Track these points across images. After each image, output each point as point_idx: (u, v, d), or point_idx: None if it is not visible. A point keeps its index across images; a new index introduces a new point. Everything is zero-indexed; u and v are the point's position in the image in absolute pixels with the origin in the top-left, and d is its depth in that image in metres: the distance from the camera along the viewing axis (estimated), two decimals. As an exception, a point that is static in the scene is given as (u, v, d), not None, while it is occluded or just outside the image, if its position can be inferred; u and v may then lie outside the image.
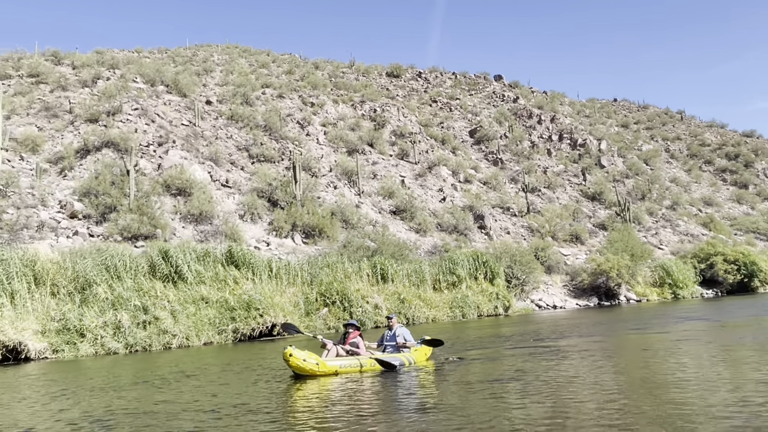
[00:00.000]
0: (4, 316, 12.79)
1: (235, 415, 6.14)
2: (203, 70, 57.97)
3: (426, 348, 10.36)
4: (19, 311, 13.25)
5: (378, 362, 9.10)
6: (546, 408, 5.82)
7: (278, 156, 39.17)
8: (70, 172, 30.30)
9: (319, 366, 8.49)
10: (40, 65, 46.53)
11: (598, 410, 5.59)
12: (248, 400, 7.03)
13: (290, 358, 8.31)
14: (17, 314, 13.09)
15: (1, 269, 13.44)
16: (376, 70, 73.29)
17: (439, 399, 6.71)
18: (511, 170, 50.35)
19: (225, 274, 17.07)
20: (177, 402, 7.13)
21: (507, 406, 6.07)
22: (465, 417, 5.46)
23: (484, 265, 25.51)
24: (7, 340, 12.43)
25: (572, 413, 5.53)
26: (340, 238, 30.47)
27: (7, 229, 22.20)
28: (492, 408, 5.93)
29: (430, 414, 5.86)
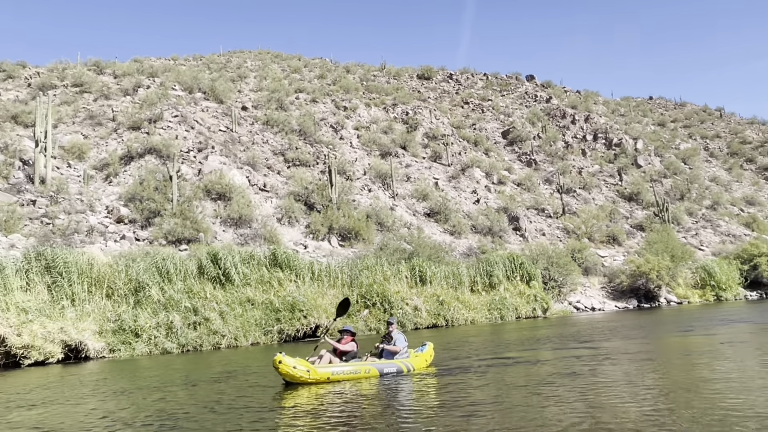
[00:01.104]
0: (66, 317, 13.45)
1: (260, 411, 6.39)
2: (237, 76, 59.11)
3: (426, 354, 9.90)
4: (79, 312, 13.90)
5: (374, 369, 8.84)
6: (582, 414, 5.66)
7: (313, 160, 39.73)
8: (115, 178, 31.38)
9: (310, 373, 8.21)
10: (83, 75, 48.22)
11: (639, 416, 5.43)
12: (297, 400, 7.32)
13: (280, 365, 8.02)
14: (78, 315, 13.74)
15: (63, 272, 14.12)
16: (406, 73, 73.51)
17: (445, 406, 6.44)
18: (546, 171, 49.93)
19: (269, 277, 17.52)
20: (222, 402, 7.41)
21: (533, 413, 5.91)
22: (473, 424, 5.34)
23: (521, 267, 25.45)
24: (69, 339, 13.07)
25: (609, 419, 5.38)
26: (375, 241, 30.79)
27: (60, 233, 23.17)
28: (506, 415, 5.71)
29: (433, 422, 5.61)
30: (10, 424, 6.52)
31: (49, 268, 14.48)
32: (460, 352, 12.27)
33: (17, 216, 23.30)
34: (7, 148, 30.38)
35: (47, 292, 13.93)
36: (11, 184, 26.77)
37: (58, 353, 12.89)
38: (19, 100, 43.50)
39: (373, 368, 8.86)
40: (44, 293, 13.84)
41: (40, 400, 8.07)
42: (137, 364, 12.98)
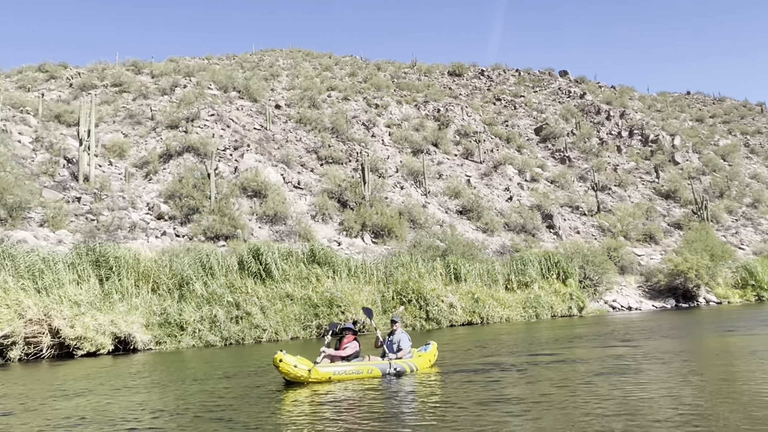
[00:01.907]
0: (117, 311, 13.96)
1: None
2: (270, 75, 59.89)
3: (430, 354, 9.60)
4: (128, 306, 14.40)
5: (376, 369, 8.62)
6: (617, 414, 5.49)
7: (346, 157, 40.03)
8: (155, 175, 32.21)
9: (311, 372, 7.99)
10: (122, 75, 49.56)
11: (676, 417, 5.29)
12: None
13: (280, 364, 7.81)
14: (127, 309, 14.25)
15: (113, 267, 14.66)
16: (437, 70, 73.31)
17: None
18: (580, 168, 49.27)
19: (308, 273, 17.82)
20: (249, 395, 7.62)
21: (566, 412, 5.71)
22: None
23: (556, 265, 25.24)
24: (119, 332, 13.57)
25: (645, 421, 5.23)
26: (408, 238, 30.91)
27: (104, 229, 23.93)
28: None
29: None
30: (55, 411, 6.83)
31: (99, 263, 15.02)
32: (495, 349, 12.28)
33: (64, 212, 24.14)
34: (53, 147, 31.45)
35: (99, 286, 14.45)
36: (57, 181, 27.71)
37: (109, 345, 13.40)
38: (62, 100, 44.96)
39: (376, 368, 8.65)
40: (96, 287, 14.37)
41: (85, 390, 8.41)
42: (182, 356, 13.39)
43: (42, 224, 23.26)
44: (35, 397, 7.90)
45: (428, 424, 5.38)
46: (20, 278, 13.42)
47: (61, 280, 13.87)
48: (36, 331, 12.68)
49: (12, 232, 21.31)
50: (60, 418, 6.33)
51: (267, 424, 5.80)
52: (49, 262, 13.94)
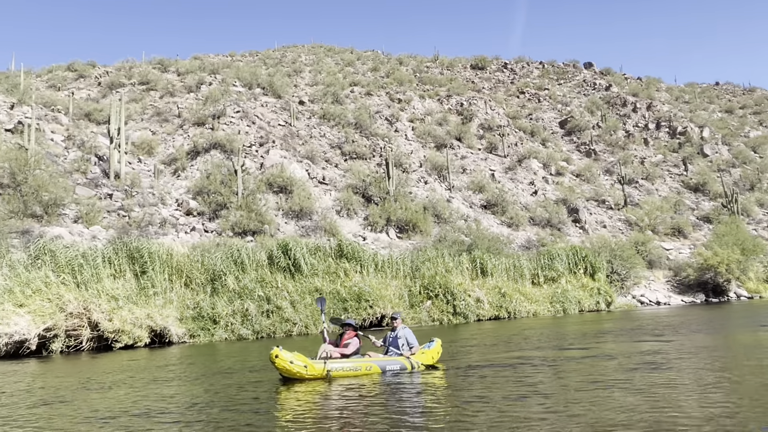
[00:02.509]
0: (152, 304, 14.33)
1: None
2: (293, 71, 60.22)
3: (433, 351, 9.31)
4: (163, 300, 14.77)
5: (375, 366, 8.36)
6: (644, 411, 5.36)
7: (369, 153, 40.17)
8: (183, 172, 32.76)
9: (308, 369, 7.75)
10: (149, 73, 50.43)
11: (706, 413, 5.16)
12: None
13: (276, 359, 7.61)
14: (162, 303, 14.61)
15: (148, 262, 15.03)
16: (460, 63, 72.92)
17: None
18: (606, 161, 48.66)
19: (336, 267, 18.02)
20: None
21: (591, 408, 5.64)
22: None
23: (584, 259, 25.05)
24: (155, 325, 13.94)
25: (673, 417, 5.12)
26: (433, 233, 30.98)
27: (135, 225, 24.46)
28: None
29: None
30: (85, 403, 7.04)
31: (134, 258, 15.41)
32: (522, 344, 12.28)
33: (97, 209, 24.73)
34: (84, 145, 32.18)
35: (135, 281, 14.84)
36: (89, 179, 28.38)
37: (145, 338, 13.77)
38: (91, 99, 45.93)
39: (375, 365, 8.38)
40: (132, 282, 14.76)
41: (119, 382, 8.62)
42: (215, 348, 13.68)
43: (76, 220, 23.88)
44: (69, 389, 8.16)
45: (457, 420, 5.44)
46: (60, 273, 13.85)
47: (99, 274, 14.27)
48: (76, 324, 13.08)
49: (48, 228, 21.92)
50: (89, 410, 6.51)
51: (292, 415, 5.94)
52: (88, 258, 14.35)
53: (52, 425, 5.78)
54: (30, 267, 13.97)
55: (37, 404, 7.06)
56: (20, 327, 12.18)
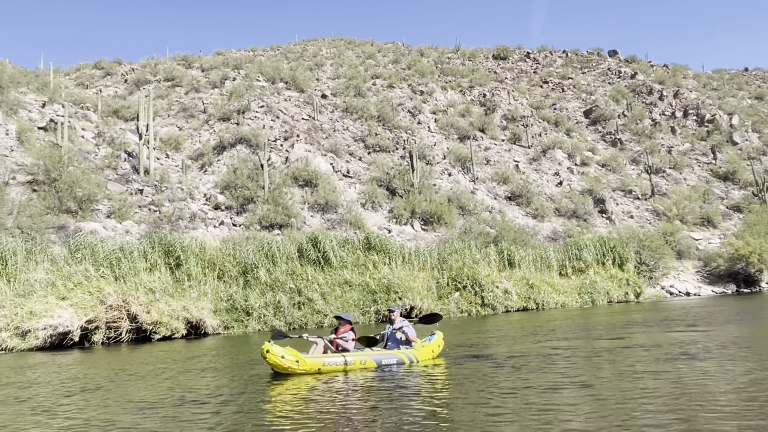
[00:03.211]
0: (188, 297, 14.67)
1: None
2: (315, 64, 60.42)
3: (434, 344, 8.97)
4: (197, 292, 15.11)
5: (371, 360, 8.11)
6: (672, 406, 5.20)
7: (393, 145, 40.22)
8: (210, 167, 33.24)
9: (300, 363, 7.63)
10: (174, 70, 51.05)
11: (739, 408, 5.00)
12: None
13: (267, 354, 7.54)
14: (197, 295, 14.96)
15: (182, 255, 15.38)
16: (482, 53, 72.34)
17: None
18: (632, 151, 47.97)
19: (365, 260, 18.20)
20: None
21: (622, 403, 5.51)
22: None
23: (612, 250, 24.83)
24: (191, 317, 14.27)
25: (705, 410, 4.98)
26: (458, 225, 30.98)
27: (166, 220, 24.96)
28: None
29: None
30: (122, 392, 7.25)
31: (168, 252, 15.77)
32: (551, 335, 12.26)
33: (128, 204, 25.28)
34: (114, 142, 32.83)
35: (170, 274, 15.20)
36: (120, 174, 28.98)
37: (182, 329, 14.10)
38: (118, 96, 46.74)
39: (370, 359, 8.12)
40: (167, 275, 15.12)
41: (151, 372, 8.84)
42: (248, 339, 13.94)
43: (109, 215, 24.45)
44: (107, 378, 8.43)
45: (486, 412, 5.48)
46: (100, 267, 14.25)
47: (137, 268, 14.64)
48: (116, 316, 13.46)
49: (83, 223, 22.50)
50: (125, 399, 6.72)
51: (319, 404, 6.09)
52: (125, 252, 14.73)
53: (88, 413, 5.99)
54: (70, 261, 14.40)
55: (75, 393, 7.32)
56: (64, 319, 12.59)
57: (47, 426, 5.46)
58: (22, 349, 12.43)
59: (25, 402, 6.82)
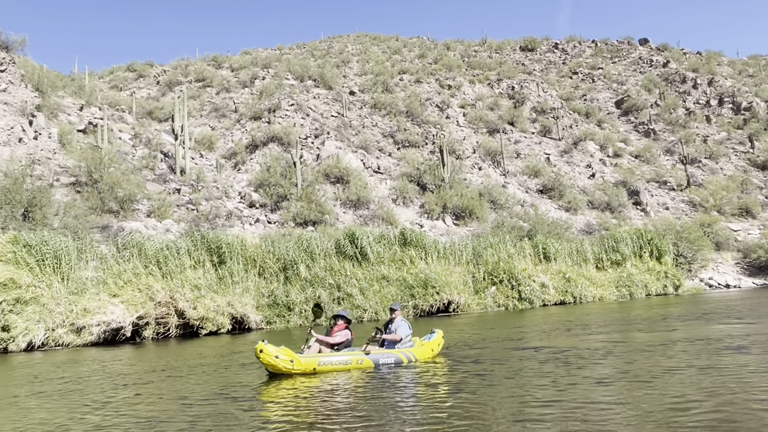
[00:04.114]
0: (232, 293, 15.04)
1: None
2: (341, 61, 60.67)
3: (434, 343, 8.82)
4: (240, 289, 15.46)
5: (368, 359, 7.96)
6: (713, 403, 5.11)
7: (422, 140, 40.22)
8: (243, 165, 33.77)
9: (294, 363, 7.47)
10: (204, 70, 51.91)
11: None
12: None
13: (261, 354, 7.32)
14: (241, 291, 15.32)
15: (226, 253, 15.75)
16: (509, 46, 71.67)
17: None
18: (666, 141, 47.03)
19: (401, 255, 18.34)
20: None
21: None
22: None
23: (649, 243, 24.49)
24: (235, 312, 14.64)
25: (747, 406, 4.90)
26: (489, 219, 30.89)
27: (204, 218, 25.49)
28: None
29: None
30: (167, 385, 7.53)
31: (211, 249, 16.15)
32: (588, 329, 12.19)
33: (167, 204, 25.88)
34: (150, 142, 33.59)
35: (214, 271, 15.58)
36: (157, 174, 29.65)
37: (227, 324, 14.47)
38: (151, 97, 47.74)
39: (367, 359, 7.96)
40: (211, 272, 15.50)
41: (191, 367, 9.10)
42: (290, 334, 14.22)
43: (149, 215, 25.07)
44: (153, 372, 8.74)
45: (525, 403, 5.53)
46: (147, 264, 14.69)
47: (182, 265, 15.06)
48: (164, 312, 13.89)
49: (125, 222, 23.14)
50: (172, 392, 7.02)
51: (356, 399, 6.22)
52: (171, 250, 15.15)
53: (133, 406, 6.28)
54: (119, 259, 14.88)
55: (128, 386, 7.66)
56: (116, 316, 13.04)
57: (98, 418, 5.74)
58: (78, 345, 12.93)
59: (80, 395, 7.15)
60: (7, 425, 5.68)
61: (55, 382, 8.18)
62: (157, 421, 5.55)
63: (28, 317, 12.46)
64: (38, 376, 8.97)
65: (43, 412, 6.23)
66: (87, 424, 5.53)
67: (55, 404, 6.67)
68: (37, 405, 6.64)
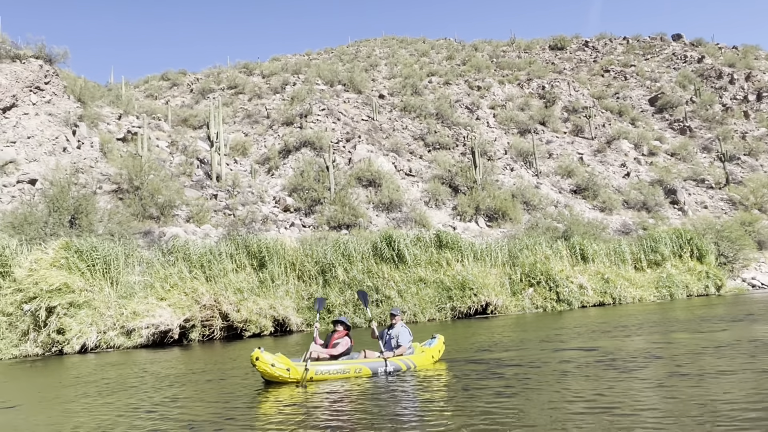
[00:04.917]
0: (274, 296, 15.33)
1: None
2: (369, 65, 61.05)
3: (434, 349, 8.61)
4: (282, 291, 15.75)
5: (365, 368, 7.77)
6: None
7: (452, 142, 40.20)
8: (276, 170, 34.27)
9: (291, 372, 7.31)
10: (236, 77, 52.83)
11: None
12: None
13: (257, 362, 7.19)
14: (283, 294, 15.60)
15: (266, 256, 16.07)
16: (538, 45, 71.05)
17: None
18: (702, 138, 45.99)
19: (438, 257, 18.40)
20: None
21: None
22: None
23: (689, 242, 24.01)
24: (277, 315, 14.91)
25: None
26: (523, 220, 30.69)
27: (241, 223, 25.97)
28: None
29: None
30: (208, 385, 7.73)
31: (251, 253, 16.49)
32: (628, 331, 12.05)
33: (205, 209, 26.46)
34: (186, 149, 34.36)
35: (255, 274, 15.91)
36: (194, 181, 30.33)
37: (270, 327, 14.75)
38: (185, 105, 48.80)
39: (365, 367, 7.78)
40: (252, 275, 15.83)
41: (226, 370, 9.34)
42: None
43: (188, 220, 25.68)
44: (197, 373, 9.00)
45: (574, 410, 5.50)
46: (192, 268, 15.09)
47: (225, 269, 15.42)
48: (209, 315, 14.24)
49: (166, 228, 23.75)
50: (214, 391, 7.24)
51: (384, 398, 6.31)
52: (215, 254, 15.53)
53: (179, 407, 6.47)
54: (165, 264, 15.32)
55: (173, 386, 7.90)
56: (164, 318, 13.43)
57: (137, 420, 5.92)
58: (128, 347, 13.35)
59: (132, 395, 7.41)
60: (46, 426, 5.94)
61: (100, 383, 8.49)
62: (201, 420, 5.73)
63: (81, 320, 12.92)
64: (80, 377, 9.34)
65: (83, 413, 6.43)
66: (121, 426, 5.71)
67: (95, 405, 6.91)
68: (81, 406, 6.85)
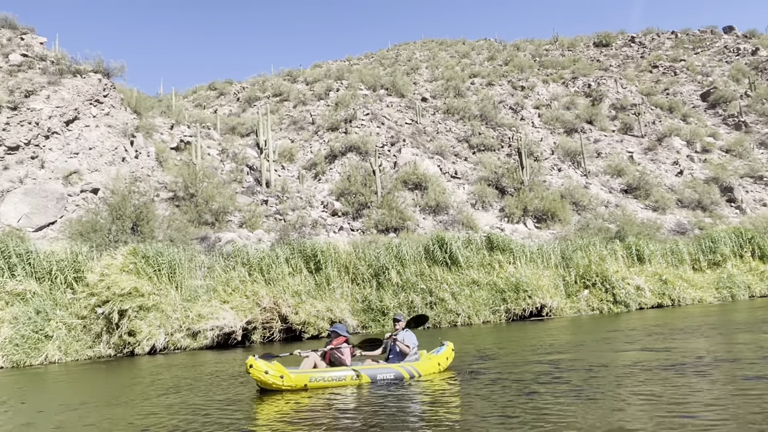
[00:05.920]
0: (331, 298, 15.64)
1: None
2: (410, 68, 61.21)
3: (441, 356, 8.25)
4: (338, 294, 16.05)
5: (365, 375, 7.57)
6: None
7: (497, 144, 39.93)
8: (323, 176, 34.80)
9: (285, 379, 7.25)
10: (281, 85, 53.88)
11: None
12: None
13: (251, 370, 7.17)
14: (339, 297, 15.90)
15: (321, 260, 16.40)
16: (582, 42, 69.76)
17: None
18: (759, 133, 44.19)
19: (490, 259, 18.35)
20: None
21: None
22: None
23: (750, 241, 23.18)
24: (334, 317, 15.20)
25: None
26: (572, 221, 30.23)
27: (292, 228, 26.51)
28: None
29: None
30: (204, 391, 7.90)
31: (307, 257, 16.85)
32: (687, 335, 11.74)
33: (257, 215, 27.14)
34: (236, 157, 35.29)
35: (311, 277, 16.26)
36: (245, 187, 31.13)
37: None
38: (233, 113, 50.08)
39: (364, 374, 7.57)
40: (308, 278, 16.18)
41: None
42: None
43: (241, 225, 26.38)
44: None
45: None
46: (252, 272, 15.55)
47: (283, 272, 15.82)
48: (269, 317, 14.64)
49: (221, 233, 24.49)
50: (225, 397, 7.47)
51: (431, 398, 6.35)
52: (273, 258, 15.96)
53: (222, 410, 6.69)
54: (225, 268, 15.84)
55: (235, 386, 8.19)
56: (227, 321, 13.89)
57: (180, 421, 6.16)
58: (194, 348, 13.87)
59: (202, 392, 7.76)
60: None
61: (181, 381, 8.92)
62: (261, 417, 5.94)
63: (150, 323, 13.49)
64: (135, 378, 9.78)
65: (163, 412, 6.70)
66: (163, 427, 5.93)
67: (173, 402, 7.26)
68: (157, 404, 7.19)
